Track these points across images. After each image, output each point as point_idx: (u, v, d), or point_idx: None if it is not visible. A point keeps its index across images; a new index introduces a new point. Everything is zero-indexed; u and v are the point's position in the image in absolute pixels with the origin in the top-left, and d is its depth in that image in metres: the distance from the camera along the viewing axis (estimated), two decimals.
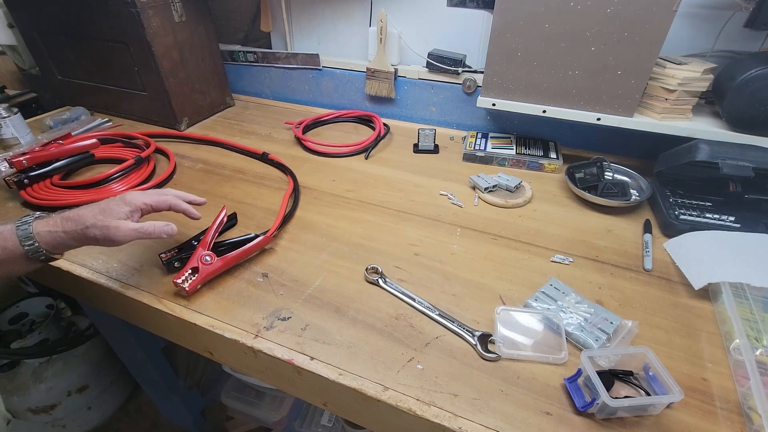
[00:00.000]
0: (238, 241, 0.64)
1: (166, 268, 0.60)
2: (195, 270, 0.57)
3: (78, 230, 0.49)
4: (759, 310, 0.53)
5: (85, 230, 0.49)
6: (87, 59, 1.06)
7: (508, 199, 0.80)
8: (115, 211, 0.51)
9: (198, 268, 0.57)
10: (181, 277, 0.56)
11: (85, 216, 0.50)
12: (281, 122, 1.12)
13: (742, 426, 0.44)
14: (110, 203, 0.52)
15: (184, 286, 0.55)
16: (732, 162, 0.69)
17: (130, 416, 1.36)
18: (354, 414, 0.52)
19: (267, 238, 0.65)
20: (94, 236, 0.50)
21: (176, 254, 0.60)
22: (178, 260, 0.60)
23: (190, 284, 0.56)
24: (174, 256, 0.60)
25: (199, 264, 0.57)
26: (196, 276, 0.57)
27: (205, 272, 0.57)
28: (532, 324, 0.55)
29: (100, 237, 0.50)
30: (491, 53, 0.83)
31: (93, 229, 0.49)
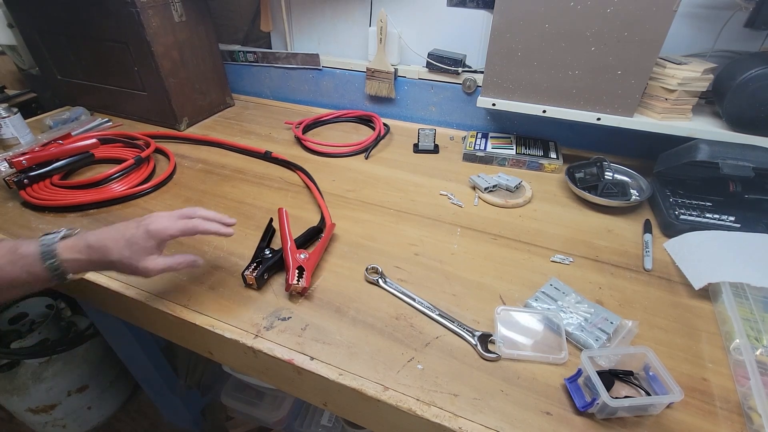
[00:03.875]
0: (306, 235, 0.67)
1: (257, 284, 0.59)
2: (301, 268, 0.59)
3: (104, 261, 0.48)
4: (759, 310, 0.53)
5: (110, 263, 0.49)
6: (87, 59, 1.06)
7: (508, 199, 0.80)
8: (141, 246, 0.49)
9: (303, 266, 0.59)
10: (294, 279, 0.57)
11: (111, 249, 0.48)
12: (281, 122, 1.12)
13: (742, 426, 0.44)
14: (136, 236, 0.49)
15: (301, 285, 0.57)
16: (732, 162, 0.69)
17: (130, 416, 1.36)
18: (354, 414, 0.52)
19: (332, 225, 0.69)
20: (120, 270, 0.49)
21: (258, 268, 0.59)
22: (265, 272, 0.60)
23: (306, 280, 0.57)
24: (259, 271, 0.59)
25: (301, 263, 0.59)
26: (306, 272, 0.58)
27: (310, 267, 0.60)
28: (532, 324, 0.55)
29: (127, 272, 0.50)
30: (491, 53, 0.83)
31: (119, 265, 0.49)
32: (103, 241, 0.48)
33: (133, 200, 0.79)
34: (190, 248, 0.67)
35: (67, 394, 1.16)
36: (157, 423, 1.33)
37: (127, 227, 0.50)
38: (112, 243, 0.48)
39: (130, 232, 0.49)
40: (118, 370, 1.28)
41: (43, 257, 0.46)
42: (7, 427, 1.31)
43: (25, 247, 0.46)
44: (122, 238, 0.48)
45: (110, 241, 0.48)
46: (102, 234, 0.49)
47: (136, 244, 0.48)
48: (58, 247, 0.47)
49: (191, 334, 0.57)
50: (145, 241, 0.49)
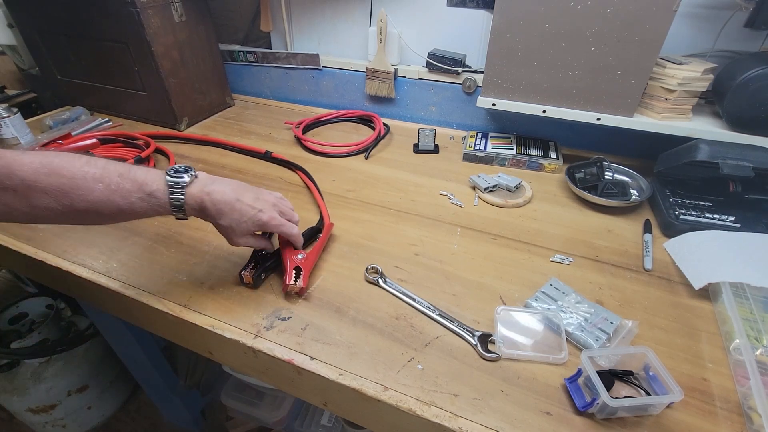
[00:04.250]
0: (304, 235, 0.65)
1: (254, 283, 0.59)
2: (299, 269, 0.58)
3: (212, 220, 0.52)
4: (759, 310, 0.53)
5: (217, 225, 0.53)
6: (87, 59, 1.06)
7: (508, 199, 0.80)
8: (246, 228, 0.54)
9: (300, 267, 0.58)
10: (291, 280, 0.57)
11: (223, 215, 0.51)
12: (281, 122, 1.12)
13: (742, 426, 0.44)
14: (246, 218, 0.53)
15: (299, 285, 0.56)
16: (732, 162, 0.69)
17: (130, 416, 1.36)
18: (354, 414, 0.52)
19: (330, 225, 0.69)
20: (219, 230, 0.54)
21: (256, 268, 0.59)
22: (263, 272, 0.60)
23: (304, 281, 0.57)
24: (256, 271, 0.59)
25: (299, 263, 0.59)
26: (303, 272, 0.58)
27: (308, 267, 0.59)
28: (532, 324, 0.55)
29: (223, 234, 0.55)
30: (491, 53, 0.83)
31: (221, 228, 0.54)
32: (220, 205, 0.51)
33: None
34: (190, 248, 0.67)
35: (67, 394, 1.16)
36: (157, 423, 1.33)
37: (245, 202, 0.53)
38: (228, 210, 0.52)
39: (246, 210, 0.53)
40: (118, 370, 1.28)
41: (171, 202, 0.49)
42: (7, 427, 1.32)
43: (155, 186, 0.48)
44: (238, 211, 0.52)
45: (227, 207, 0.51)
46: (223, 196, 0.51)
47: (244, 224, 0.53)
48: (186, 196, 0.49)
49: (191, 334, 0.57)
50: (253, 226, 0.54)
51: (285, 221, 0.57)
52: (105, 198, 0.45)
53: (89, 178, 0.44)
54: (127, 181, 0.46)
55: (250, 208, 0.53)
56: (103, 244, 0.67)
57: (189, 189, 0.50)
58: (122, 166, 0.47)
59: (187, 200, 0.49)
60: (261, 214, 0.54)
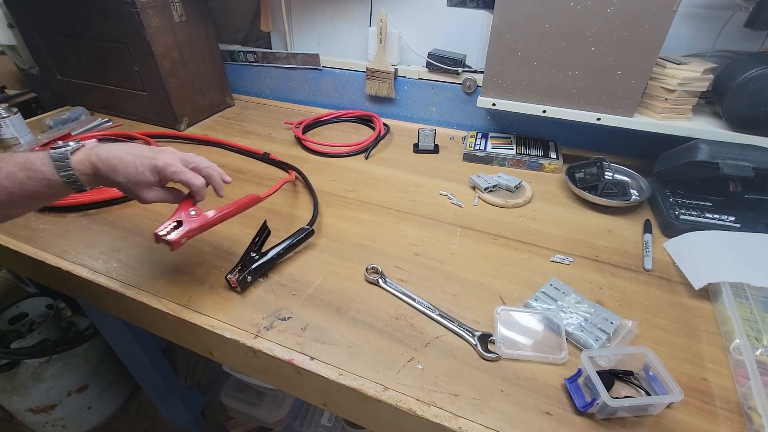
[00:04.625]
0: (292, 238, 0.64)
1: (240, 287, 0.58)
2: (180, 222, 0.52)
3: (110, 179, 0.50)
4: (759, 310, 0.53)
5: (115, 183, 0.51)
6: (87, 59, 1.06)
7: (508, 199, 0.80)
8: (146, 177, 0.51)
9: (183, 221, 0.53)
10: (163, 229, 0.51)
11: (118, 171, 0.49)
12: (281, 122, 1.12)
13: (742, 426, 0.44)
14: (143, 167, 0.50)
15: (170, 237, 0.50)
16: (732, 162, 0.69)
17: (130, 416, 1.36)
18: (354, 414, 0.52)
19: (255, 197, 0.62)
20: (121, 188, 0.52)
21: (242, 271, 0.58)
22: (249, 275, 0.58)
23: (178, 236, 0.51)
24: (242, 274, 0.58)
25: (184, 218, 0.53)
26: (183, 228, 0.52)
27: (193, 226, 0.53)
28: (532, 324, 0.55)
29: (125, 193, 0.52)
30: (491, 53, 0.83)
31: (122, 187, 0.51)
32: (111, 161, 0.49)
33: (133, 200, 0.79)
34: (191, 248, 0.67)
35: (67, 394, 1.16)
36: (157, 423, 1.33)
37: (138, 154, 0.51)
38: (120, 165, 0.49)
39: (140, 161, 0.50)
40: (118, 370, 1.28)
41: (59, 172, 0.47)
42: (7, 427, 1.32)
43: (38, 162, 0.47)
44: (131, 164, 0.50)
45: (118, 161, 0.49)
46: (112, 152, 0.50)
47: (141, 174, 0.50)
48: (71, 161, 0.48)
49: (191, 334, 0.57)
50: (150, 174, 0.51)
51: (185, 169, 0.53)
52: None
53: None
54: (9, 163, 0.46)
55: (144, 157, 0.51)
56: (103, 244, 0.67)
57: (75, 155, 0.48)
58: (4, 154, 0.47)
59: (76, 165, 0.48)
60: (156, 160, 0.51)
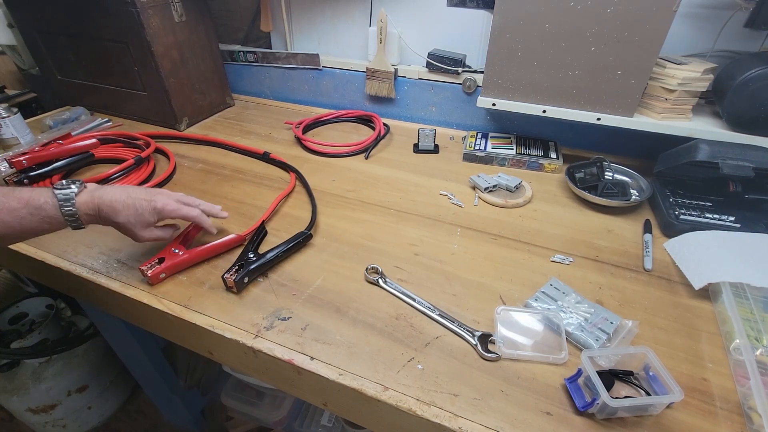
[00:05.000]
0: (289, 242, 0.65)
1: (236, 287, 0.58)
2: (162, 259, 0.60)
3: (110, 221, 0.55)
4: (759, 310, 0.53)
5: (115, 224, 0.55)
6: (87, 59, 1.06)
7: (508, 199, 0.80)
8: (145, 219, 0.56)
9: (165, 258, 0.60)
10: (147, 264, 0.59)
11: (119, 213, 0.54)
12: (281, 122, 1.12)
13: (742, 426, 0.44)
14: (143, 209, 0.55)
15: (148, 272, 0.58)
16: (732, 162, 0.69)
17: (130, 416, 1.36)
18: (354, 414, 0.52)
19: (238, 237, 0.66)
20: (120, 229, 0.56)
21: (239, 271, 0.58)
22: (246, 276, 0.58)
23: (156, 270, 0.58)
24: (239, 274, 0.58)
25: (168, 255, 0.60)
26: (164, 264, 0.59)
27: (174, 263, 0.60)
28: (533, 324, 0.55)
29: (125, 233, 0.57)
30: (491, 53, 0.83)
31: (122, 227, 0.56)
32: (114, 204, 0.54)
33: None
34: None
35: (67, 394, 1.16)
36: (157, 423, 1.33)
37: (137, 197, 0.55)
38: (122, 207, 0.54)
39: (140, 204, 0.55)
40: (118, 370, 1.28)
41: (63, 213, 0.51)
42: (7, 427, 1.32)
43: (42, 200, 0.50)
44: (132, 207, 0.54)
45: (120, 204, 0.54)
46: (114, 195, 0.54)
47: (141, 216, 0.55)
48: (76, 202, 0.51)
49: (191, 334, 0.57)
50: (150, 216, 0.56)
51: (182, 205, 0.59)
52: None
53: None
54: (12, 200, 0.48)
55: (143, 200, 0.55)
56: (103, 244, 0.67)
57: (78, 197, 0.52)
58: (6, 189, 0.49)
59: (80, 207, 0.52)
60: (154, 202, 0.56)
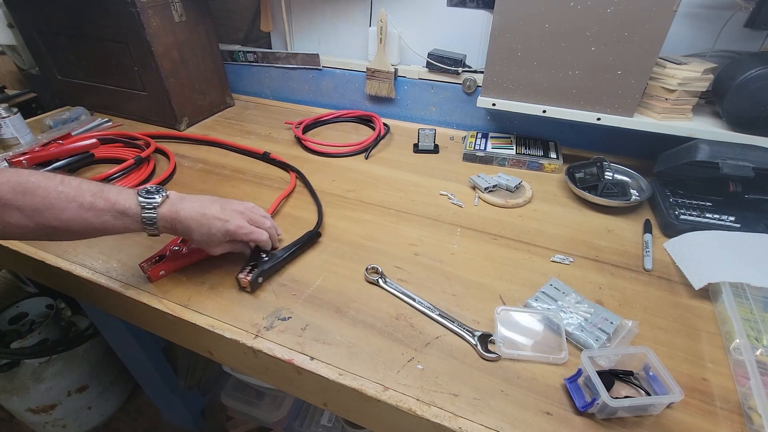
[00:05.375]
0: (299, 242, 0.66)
1: (251, 287, 0.58)
2: (162, 257, 0.61)
3: (185, 235, 0.56)
4: (759, 310, 0.53)
5: (189, 240, 0.58)
6: (87, 59, 1.06)
7: (508, 199, 0.80)
8: (217, 239, 0.57)
9: (164, 256, 0.61)
10: (147, 263, 0.60)
11: (193, 232, 0.55)
12: (281, 122, 1.12)
13: (742, 426, 0.44)
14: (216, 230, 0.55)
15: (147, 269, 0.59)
16: (732, 162, 0.69)
17: (130, 416, 1.36)
18: (354, 414, 0.52)
19: None
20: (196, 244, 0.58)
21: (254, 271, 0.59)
22: (260, 275, 0.59)
23: (156, 268, 0.59)
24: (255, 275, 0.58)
25: (167, 252, 0.61)
26: (162, 262, 0.60)
27: (172, 261, 0.61)
28: (533, 324, 0.55)
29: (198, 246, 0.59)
30: (491, 53, 0.83)
31: (194, 242, 0.57)
32: (189, 222, 0.54)
33: None
34: None
35: (67, 394, 1.16)
36: (157, 423, 1.33)
37: (211, 216, 0.56)
38: (196, 226, 0.55)
39: (213, 224, 0.55)
40: (118, 370, 1.28)
41: (143, 221, 0.52)
42: (7, 427, 1.32)
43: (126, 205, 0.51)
44: (206, 226, 0.55)
45: (195, 223, 0.54)
46: (190, 213, 0.54)
47: (214, 236, 0.56)
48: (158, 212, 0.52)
49: (191, 334, 0.57)
50: (222, 237, 0.57)
51: (254, 228, 0.59)
52: (77, 216, 0.48)
53: (63, 198, 0.47)
54: (100, 200, 0.49)
55: (217, 220, 0.56)
56: (103, 244, 0.67)
57: (160, 209, 0.53)
58: (96, 185, 0.50)
59: (159, 219, 0.52)
60: (228, 224, 0.56)
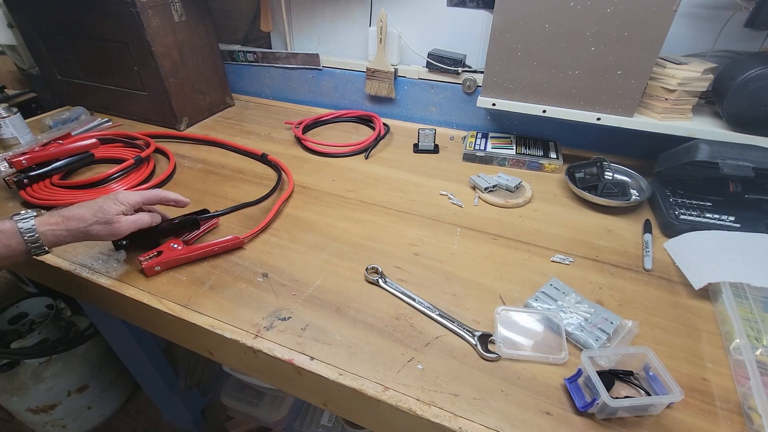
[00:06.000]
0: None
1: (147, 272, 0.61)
2: (160, 252, 0.61)
3: (81, 228, 0.53)
4: (759, 310, 0.53)
5: (88, 228, 0.53)
6: (87, 59, 1.06)
7: (508, 199, 0.80)
8: (113, 209, 0.55)
9: (162, 252, 0.61)
10: (145, 256, 0.60)
11: (85, 215, 0.54)
12: (281, 122, 1.12)
13: (742, 426, 0.44)
14: (106, 203, 0.55)
15: (145, 263, 0.60)
16: (732, 162, 0.69)
17: (130, 416, 1.36)
18: (354, 414, 0.52)
19: (236, 239, 0.66)
20: (97, 232, 0.54)
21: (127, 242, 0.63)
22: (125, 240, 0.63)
23: (151, 262, 0.60)
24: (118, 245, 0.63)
25: (165, 249, 0.62)
26: (161, 257, 0.61)
27: (170, 257, 0.61)
28: (533, 324, 0.55)
29: (103, 232, 0.55)
30: (491, 53, 0.83)
31: (96, 226, 0.54)
32: (77, 211, 0.54)
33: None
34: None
35: (67, 394, 1.16)
36: (157, 423, 1.33)
37: (96, 200, 0.56)
38: (85, 210, 0.54)
39: (100, 201, 0.55)
40: (118, 370, 1.28)
41: (21, 231, 0.50)
42: (7, 427, 1.32)
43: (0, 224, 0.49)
44: (94, 205, 0.55)
45: (82, 209, 0.54)
46: (74, 207, 0.54)
47: (106, 208, 0.55)
48: (35, 221, 0.51)
49: (191, 334, 0.57)
50: (115, 205, 0.56)
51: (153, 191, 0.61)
52: None
53: None
54: None
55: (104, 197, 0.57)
56: (103, 244, 0.67)
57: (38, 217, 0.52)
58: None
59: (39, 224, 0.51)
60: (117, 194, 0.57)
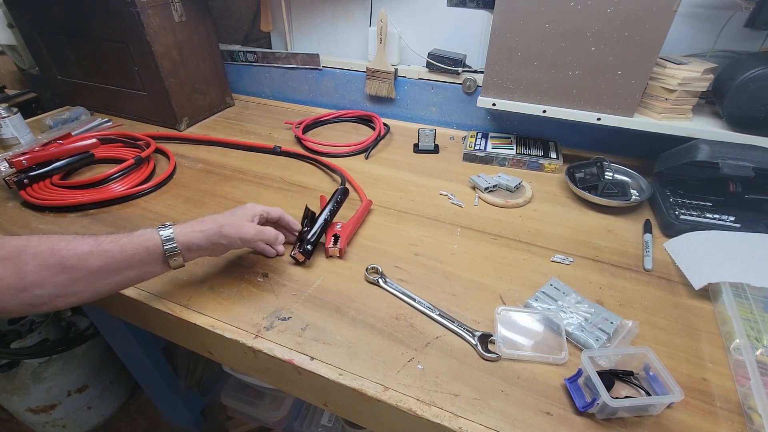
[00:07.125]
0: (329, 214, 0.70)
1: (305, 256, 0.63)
2: (337, 236, 0.66)
3: (214, 229, 0.54)
4: (759, 310, 0.53)
5: (220, 228, 0.54)
6: (87, 59, 1.06)
7: (508, 199, 0.80)
8: (243, 215, 0.58)
9: (338, 235, 0.66)
10: (330, 243, 0.65)
11: (217, 218, 0.56)
12: (281, 122, 1.12)
13: (742, 426, 0.44)
14: (235, 210, 0.58)
15: (337, 247, 0.64)
16: (732, 162, 0.69)
17: (130, 416, 1.35)
18: (354, 414, 0.52)
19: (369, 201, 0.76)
20: (227, 234, 0.55)
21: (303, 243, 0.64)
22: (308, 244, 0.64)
23: (341, 244, 0.65)
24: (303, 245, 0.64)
25: (337, 232, 0.67)
26: (341, 238, 0.65)
27: (345, 234, 0.66)
28: (533, 324, 0.55)
29: (233, 234, 0.55)
30: (491, 53, 0.83)
31: (227, 227, 0.55)
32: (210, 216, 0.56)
33: (133, 200, 0.79)
34: None
35: (67, 394, 1.16)
36: (157, 423, 1.33)
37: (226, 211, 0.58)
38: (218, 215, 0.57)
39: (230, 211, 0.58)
40: (118, 370, 1.28)
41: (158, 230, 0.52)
42: (7, 427, 1.31)
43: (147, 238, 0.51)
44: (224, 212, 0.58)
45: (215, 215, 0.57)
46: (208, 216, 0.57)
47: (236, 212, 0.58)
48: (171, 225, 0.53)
49: (191, 334, 0.57)
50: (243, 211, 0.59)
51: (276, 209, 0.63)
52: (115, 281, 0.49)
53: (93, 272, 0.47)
54: None
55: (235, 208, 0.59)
56: None
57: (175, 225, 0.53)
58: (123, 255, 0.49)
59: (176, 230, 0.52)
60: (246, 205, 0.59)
